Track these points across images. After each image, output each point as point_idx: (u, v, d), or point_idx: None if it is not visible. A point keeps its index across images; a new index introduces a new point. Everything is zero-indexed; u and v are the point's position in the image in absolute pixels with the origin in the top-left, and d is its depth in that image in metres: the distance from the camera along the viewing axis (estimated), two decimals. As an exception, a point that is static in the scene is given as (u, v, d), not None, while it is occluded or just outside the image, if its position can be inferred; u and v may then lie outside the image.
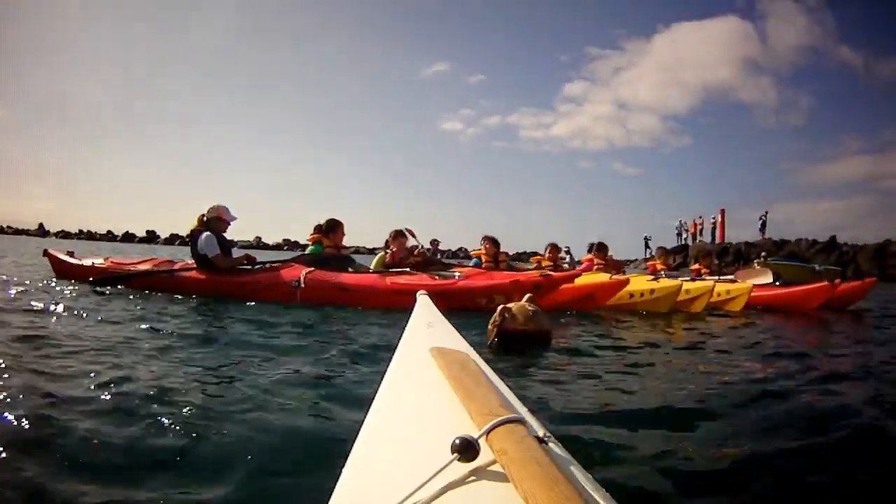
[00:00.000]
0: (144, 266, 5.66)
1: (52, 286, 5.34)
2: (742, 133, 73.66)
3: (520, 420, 0.71)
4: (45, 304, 3.91)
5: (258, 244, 47.07)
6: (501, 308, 3.21)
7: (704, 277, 7.02)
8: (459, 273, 5.22)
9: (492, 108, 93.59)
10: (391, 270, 5.26)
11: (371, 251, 22.94)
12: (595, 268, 6.59)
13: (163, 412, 1.68)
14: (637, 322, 4.92)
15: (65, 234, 51.17)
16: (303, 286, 4.87)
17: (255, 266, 5.38)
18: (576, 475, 0.64)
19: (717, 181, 70.44)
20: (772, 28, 65.81)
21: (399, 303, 4.57)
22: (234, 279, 5.16)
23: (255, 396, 1.92)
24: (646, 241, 25.03)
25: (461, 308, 4.27)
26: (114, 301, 4.53)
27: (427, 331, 1.49)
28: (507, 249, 6.67)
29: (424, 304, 1.93)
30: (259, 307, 4.47)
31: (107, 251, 9.23)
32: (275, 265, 5.30)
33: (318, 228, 5.57)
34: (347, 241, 5.77)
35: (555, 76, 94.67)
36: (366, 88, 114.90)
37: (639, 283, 5.80)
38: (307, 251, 5.60)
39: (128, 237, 50.59)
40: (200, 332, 3.30)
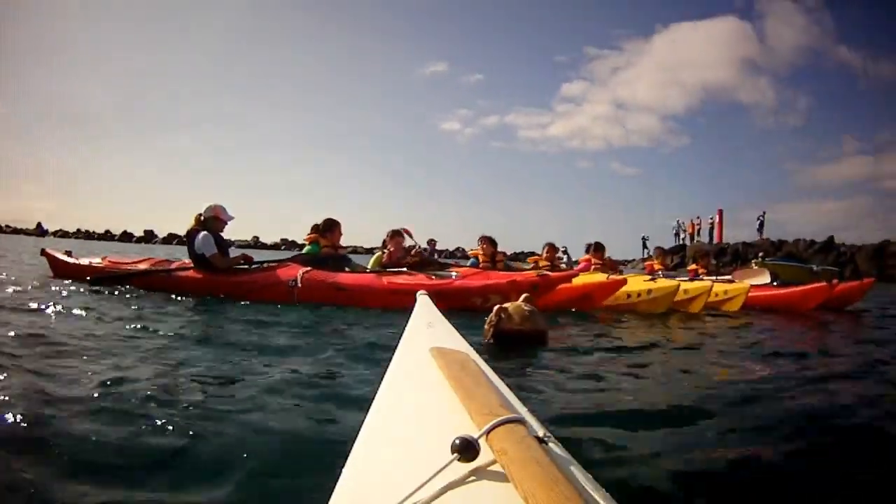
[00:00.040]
0: (142, 265, 5.66)
1: (50, 285, 5.32)
2: (740, 133, 73.72)
3: (520, 420, 0.71)
4: (43, 304, 3.89)
5: (256, 244, 46.91)
6: (498, 308, 3.22)
7: (702, 278, 7.01)
8: (456, 273, 5.22)
9: (490, 108, 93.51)
10: (388, 270, 5.26)
11: (369, 251, 22.92)
12: (592, 268, 6.60)
13: (161, 412, 1.67)
14: (635, 322, 4.91)
15: (63, 234, 51.03)
16: (299, 286, 4.87)
17: (252, 266, 5.38)
18: (576, 475, 0.64)
19: (716, 181, 70.45)
20: (770, 28, 65.86)
21: (396, 303, 4.57)
22: (231, 279, 5.16)
23: (254, 397, 1.91)
24: (643, 242, 25.03)
25: (458, 308, 4.26)
26: (111, 300, 4.51)
27: (427, 331, 1.49)
28: (505, 249, 6.67)
29: (424, 304, 1.92)
30: (256, 307, 4.46)
31: (105, 250, 9.21)
32: (272, 265, 5.29)
33: (316, 228, 5.56)
34: (346, 241, 5.77)
35: (553, 76, 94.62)
36: (364, 88, 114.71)
37: (636, 284, 5.79)
38: (304, 251, 5.60)
39: (126, 236, 50.38)
40: (198, 332, 3.30)
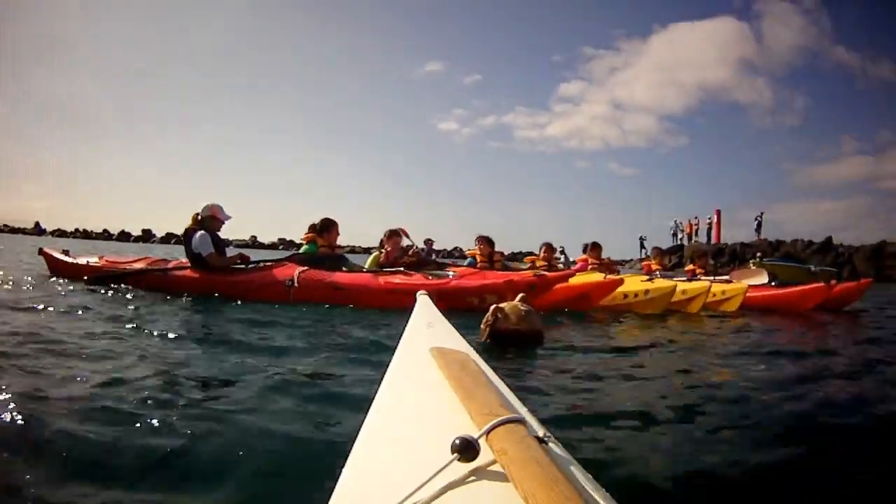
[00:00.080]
0: (139, 265, 5.67)
1: (47, 284, 5.32)
2: (738, 133, 74.09)
3: (520, 420, 0.71)
4: (39, 303, 3.89)
5: (254, 243, 46.98)
6: (494, 307, 3.22)
7: (699, 278, 7.00)
8: (453, 273, 5.22)
9: (487, 108, 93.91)
10: (385, 270, 5.26)
11: (367, 251, 22.90)
12: (589, 267, 6.60)
13: (158, 413, 1.66)
14: (633, 322, 4.91)
15: (61, 233, 50.94)
16: (296, 285, 4.86)
17: (249, 265, 5.38)
18: (576, 475, 0.64)
19: (714, 181, 70.76)
20: (768, 28, 66.26)
21: (393, 302, 4.58)
22: (228, 278, 5.15)
23: (252, 397, 1.90)
24: (641, 242, 25.07)
25: (455, 308, 4.25)
26: (108, 300, 4.50)
27: (427, 331, 1.49)
28: (503, 249, 6.67)
29: (424, 304, 1.91)
30: (253, 306, 4.45)
31: (103, 250, 9.21)
32: (268, 264, 5.29)
33: (313, 228, 5.56)
34: (345, 241, 5.76)
35: (550, 76, 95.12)
36: (363, 88, 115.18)
37: (633, 284, 5.79)
38: (301, 250, 5.60)
39: (123, 236, 50.34)
40: (194, 332, 3.29)
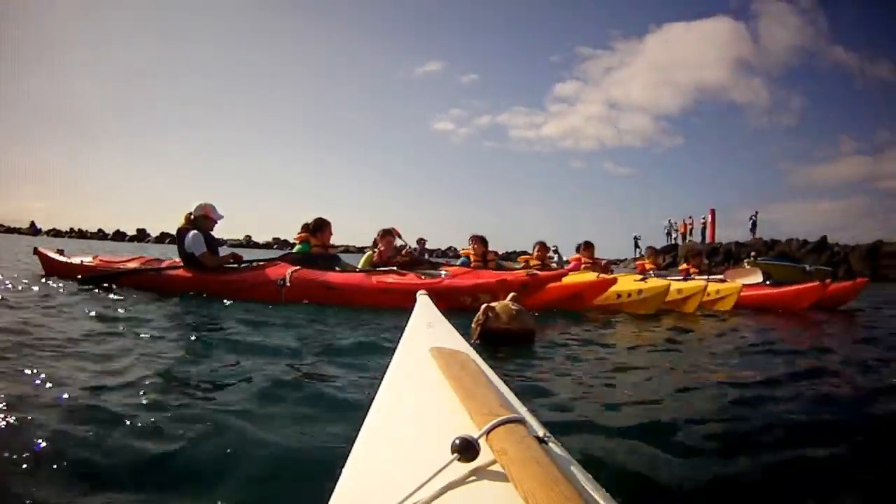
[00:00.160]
0: (132, 264, 5.69)
1: (41, 284, 5.32)
2: (734, 133, 74.34)
3: (520, 420, 0.71)
4: (32, 302, 3.91)
5: (248, 243, 47.00)
6: (485, 307, 3.22)
7: (694, 277, 6.99)
8: (446, 272, 5.23)
9: (483, 108, 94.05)
10: (378, 269, 5.26)
11: (361, 250, 22.87)
12: (583, 267, 6.59)
13: (153, 415, 1.64)
14: (628, 322, 4.90)
15: (56, 233, 50.87)
16: (288, 285, 4.86)
17: (242, 264, 5.38)
18: (576, 475, 0.64)
19: (709, 181, 70.96)
20: (764, 28, 66.48)
21: (385, 302, 4.59)
22: (221, 277, 5.15)
23: (247, 398, 1.89)
24: (635, 241, 25.17)
25: (447, 308, 4.25)
26: (101, 299, 4.50)
27: (427, 331, 1.49)
28: (498, 249, 6.67)
29: (424, 305, 1.91)
30: (245, 306, 4.44)
31: (98, 250, 9.19)
32: (261, 264, 5.28)
33: (306, 227, 5.56)
34: (341, 241, 5.75)
35: (546, 76, 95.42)
36: (359, 89, 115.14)
37: (626, 283, 5.77)
38: (294, 250, 5.59)
39: (118, 235, 50.30)
40: (187, 332, 3.28)
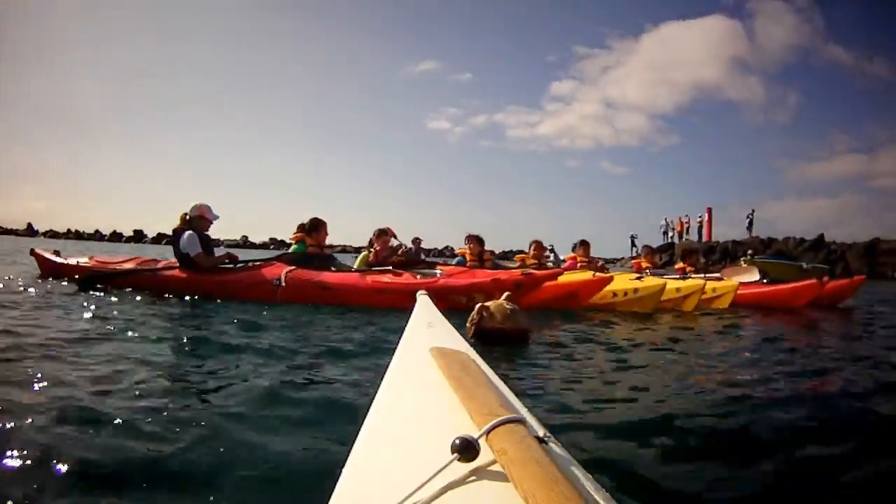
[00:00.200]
0: (128, 265, 5.68)
1: (38, 285, 5.32)
2: (730, 131, 74.31)
3: (520, 420, 0.70)
4: (28, 303, 3.91)
5: (245, 243, 46.98)
6: (479, 306, 3.22)
7: (690, 276, 7.01)
8: (442, 272, 5.23)
9: (479, 107, 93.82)
10: (373, 269, 5.25)
11: (358, 250, 22.88)
12: (579, 266, 6.60)
13: (149, 416, 1.62)
14: (625, 320, 4.90)
15: (53, 234, 50.78)
16: (283, 285, 4.86)
17: (237, 265, 5.37)
18: (576, 475, 0.64)
19: (706, 180, 70.96)
20: (760, 27, 66.48)
21: (381, 301, 4.60)
22: (216, 278, 5.14)
23: (244, 399, 1.88)
24: (632, 240, 25.18)
25: (444, 307, 4.25)
26: (96, 300, 4.49)
27: (427, 331, 1.48)
28: (495, 248, 6.68)
29: (424, 304, 1.90)
30: (240, 306, 4.43)
31: (96, 250, 9.18)
32: (256, 264, 5.28)
33: (302, 227, 5.55)
34: (338, 241, 5.75)
35: (542, 75, 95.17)
36: (356, 88, 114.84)
37: (623, 282, 5.78)
38: (290, 250, 5.59)
39: (115, 236, 50.24)
40: (182, 333, 3.26)
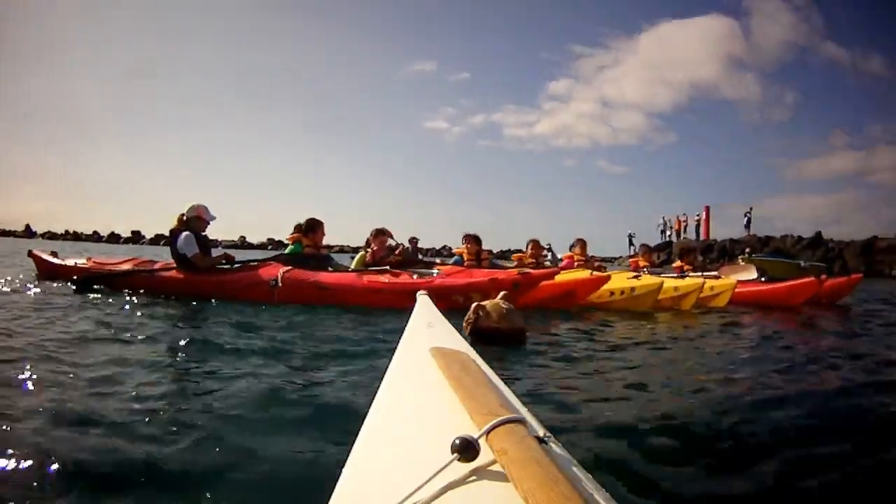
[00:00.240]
0: (125, 266, 5.66)
1: (36, 286, 5.32)
2: (727, 129, 74.33)
3: (520, 420, 0.70)
4: (27, 304, 3.91)
5: (242, 243, 46.90)
6: (475, 306, 3.22)
7: (688, 274, 7.03)
8: (439, 271, 5.23)
9: (476, 107, 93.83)
10: (370, 269, 5.25)
11: (356, 250, 22.86)
12: (576, 264, 6.60)
13: (148, 418, 1.63)
14: (623, 319, 4.90)
15: (51, 235, 50.70)
16: (280, 285, 4.86)
17: (234, 265, 5.37)
18: (576, 475, 0.64)
19: (703, 178, 71.02)
20: (757, 25, 66.58)
21: (377, 302, 4.60)
22: (213, 278, 5.14)
23: (247, 399, 1.88)
24: (630, 239, 25.18)
25: (440, 307, 4.25)
26: (94, 301, 4.50)
27: (427, 331, 1.48)
28: (492, 247, 6.67)
29: (424, 304, 1.90)
30: (237, 306, 4.43)
31: (94, 251, 9.16)
32: (253, 264, 5.28)
33: (298, 228, 5.54)
34: (336, 241, 5.74)
35: (539, 74, 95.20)
36: (354, 88, 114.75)
37: (620, 281, 5.79)
38: (287, 251, 5.58)
39: (113, 238, 50.16)
40: (180, 334, 3.25)
